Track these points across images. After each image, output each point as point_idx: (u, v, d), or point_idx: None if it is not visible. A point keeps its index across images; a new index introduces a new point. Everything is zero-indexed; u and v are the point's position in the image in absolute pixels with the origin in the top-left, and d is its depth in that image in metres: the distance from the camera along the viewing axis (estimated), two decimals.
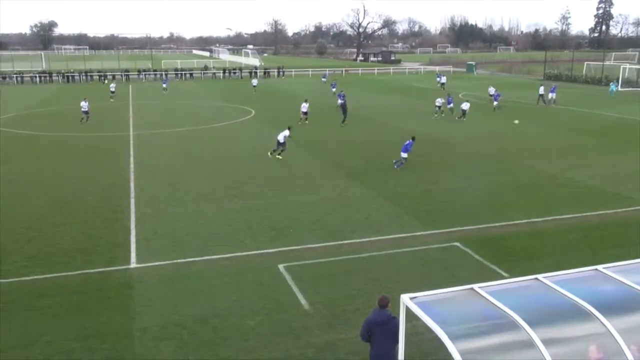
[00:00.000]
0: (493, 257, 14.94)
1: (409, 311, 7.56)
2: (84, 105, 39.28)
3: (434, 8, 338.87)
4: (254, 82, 66.48)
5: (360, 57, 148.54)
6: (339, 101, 42.43)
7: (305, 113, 38.92)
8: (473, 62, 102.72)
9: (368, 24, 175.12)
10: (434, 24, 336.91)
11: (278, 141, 26.80)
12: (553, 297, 7.53)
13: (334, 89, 57.84)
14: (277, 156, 26.82)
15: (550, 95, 49.64)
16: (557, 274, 8.07)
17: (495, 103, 46.48)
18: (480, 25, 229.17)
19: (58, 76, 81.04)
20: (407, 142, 24.89)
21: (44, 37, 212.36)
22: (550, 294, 7.61)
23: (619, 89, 62.28)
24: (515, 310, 7.01)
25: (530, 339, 6.62)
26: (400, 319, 7.97)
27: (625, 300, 7.62)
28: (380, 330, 8.70)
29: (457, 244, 16.02)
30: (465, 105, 40.06)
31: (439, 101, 42.17)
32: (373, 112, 45.11)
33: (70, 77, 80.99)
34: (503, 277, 12.14)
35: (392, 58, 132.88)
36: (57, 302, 12.76)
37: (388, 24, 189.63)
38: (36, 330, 11.48)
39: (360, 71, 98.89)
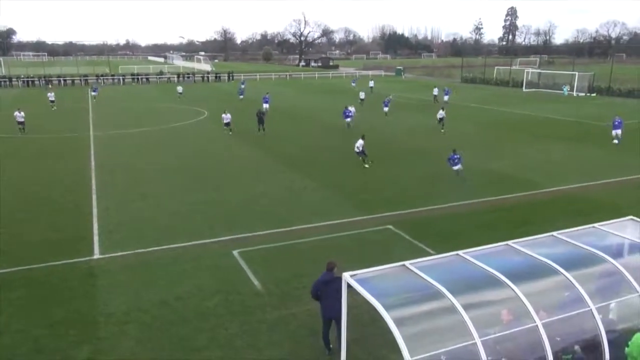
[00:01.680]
0: (421, 237, 15.34)
1: (350, 287, 7.68)
2: (19, 115, 33.63)
3: (366, 19, 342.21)
4: (179, 89, 59.10)
5: (303, 63, 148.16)
6: (265, 105, 40.99)
7: (227, 124, 33.36)
8: (401, 67, 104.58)
9: (309, 33, 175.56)
10: (367, 33, 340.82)
11: (357, 152, 24.26)
12: (472, 270, 7.84)
13: (241, 97, 53.23)
14: (365, 165, 24.11)
15: (444, 97, 50.48)
16: (474, 250, 8.40)
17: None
18: (406, 34, 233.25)
19: (18, 81, 76.74)
20: (451, 155, 21.86)
21: (2, 44, 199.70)
22: (469, 266, 7.92)
23: (524, 89, 65.07)
24: (440, 282, 7.25)
25: (452, 306, 6.87)
26: (342, 295, 8.09)
27: (532, 270, 8.03)
28: (327, 288, 9.29)
29: (390, 226, 16.34)
30: (440, 114, 34.50)
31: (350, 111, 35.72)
32: (313, 111, 45.18)
33: (30, 82, 76.87)
34: (430, 254, 12.47)
35: (331, 64, 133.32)
36: (24, 293, 12.17)
37: (326, 33, 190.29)
38: (5, 321, 10.91)
39: (302, 75, 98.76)
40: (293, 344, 10.05)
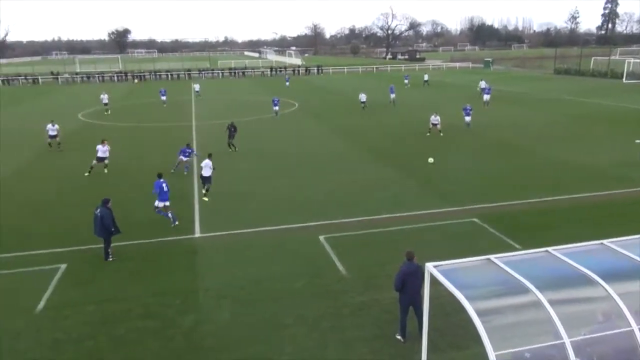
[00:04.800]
0: (508, 231, 14.66)
1: (433, 277, 7.55)
2: (51, 128, 27.31)
3: (454, 10, 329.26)
4: (196, 87, 54.25)
5: (389, 56, 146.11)
6: (275, 107, 37.52)
7: (102, 159, 22.20)
8: (490, 59, 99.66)
9: (396, 26, 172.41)
10: (455, 25, 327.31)
11: (203, 176, 18.36)
12: (562, 267, 7.37)
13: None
14: (204, 197, 18.42)
15: (485, 97, 41.73)
16: (565, 247, 7.88)
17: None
18: (496, 25, 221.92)
19: (132, 76, 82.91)
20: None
21: (119, 43, 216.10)
22: (559, 264, 7.45)
23: (625, 81, 59.53)
24: (527, 278, 6.90)
25: (540, 303, 6.52)
26: (425, 285, 7.97)
27: (629, 272, 7.39)
28: (411, 278, 9.25)
29: (475, 219, 15.77)
30: None
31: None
32: (399, 105, 44.36)
33: (142, 76, 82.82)
34: (517, 250, 11.91)
35: (417, 56, 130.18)
36: (136, 264, 13.26)
37: (414, 26, 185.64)
38: (122, 287, 11.99)
39: (389, 68, 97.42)
40: (375, 328, 10.08)
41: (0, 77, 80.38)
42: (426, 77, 64.60)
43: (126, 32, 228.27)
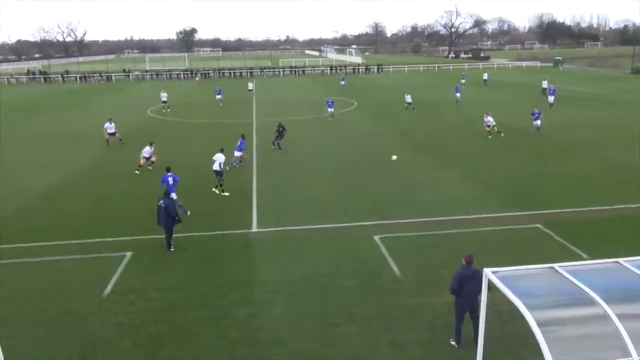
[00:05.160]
0: (574, 239, 13.91)
1: (490, 283, 7.32)
2: (109, 127, 28.55)
3: (522, 7, 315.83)
4: (250, 85, 55.36)
5: (452, 55, 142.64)
6: (330, 109, 36.60)
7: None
8: (560, 58, 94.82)
9: (460, 24, 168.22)
10: (523, 22, 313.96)
11: (215, 170, 19.28)
12: (633, 280, 6.93)
13: (219, 96, 46.93)
14: (216, 190, 19.24)
15: (550, 98, 39.09)
16: (638, 259, 7.40)
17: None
18: (568, 22, 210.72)
19: (197, 73, 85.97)
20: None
21: (186, 42, 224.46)
22: (630, 276, 7.01)
23: None
24: (593, 289, 6.55)
25: (607, 316, 6.16)
26: (482, 291, 7.75)
27: None
28: (469, 282, 9.00)
29: (539, 225, 15.10)
30: None
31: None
32: (462, 104, 43.20)
33: (206, 74, 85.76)
34: (583, 259, 11.30)
35: (482, 55, 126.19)
36: (196, 255, 13.74)
37: (479, 23, 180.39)
38: (182, 276, 12.48)
39: (451, 67, 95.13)
40: (429, 332, 9.89)
41: (78, 75, 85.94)
42: (485, 76, 62.56)
43: (193, 31, 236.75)
